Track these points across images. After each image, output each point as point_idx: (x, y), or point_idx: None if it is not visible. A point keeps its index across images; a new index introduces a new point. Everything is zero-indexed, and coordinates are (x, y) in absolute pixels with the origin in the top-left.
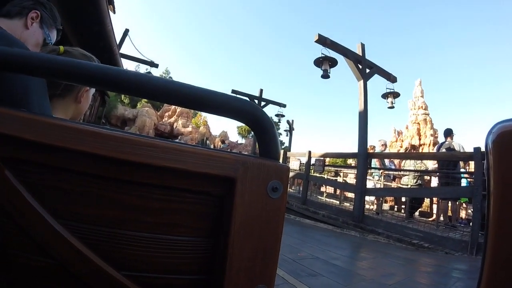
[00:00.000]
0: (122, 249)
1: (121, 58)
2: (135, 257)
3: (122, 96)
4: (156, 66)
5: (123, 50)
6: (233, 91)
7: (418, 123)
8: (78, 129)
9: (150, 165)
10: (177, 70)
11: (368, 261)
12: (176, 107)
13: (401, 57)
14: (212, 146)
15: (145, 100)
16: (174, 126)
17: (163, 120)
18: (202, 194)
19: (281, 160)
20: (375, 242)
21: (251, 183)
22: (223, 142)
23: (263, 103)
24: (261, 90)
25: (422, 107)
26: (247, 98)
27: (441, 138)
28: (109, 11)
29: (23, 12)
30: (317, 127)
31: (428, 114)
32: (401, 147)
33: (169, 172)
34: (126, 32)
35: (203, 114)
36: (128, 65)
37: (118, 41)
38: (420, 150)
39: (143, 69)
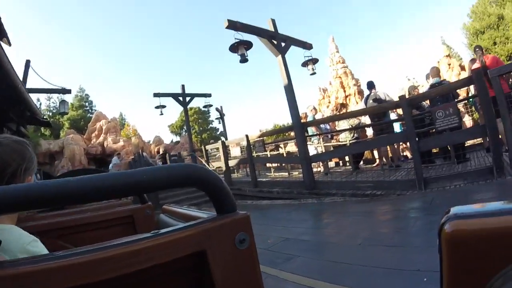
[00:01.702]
0: None
1: (30, 94)
2: None
3: (42, 129)
4: (68, 92)
5: (30, 83)
6: (155, 94)
7: (340, 77)
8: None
9: (120, 276)
10: (94, 82)
11: (332, 226)
12: (102, 125)
13: (311, 18)
14: (149, 156)
15: (67, 126)
16: (105, 145)
17: (92, 142)
18: (177, 272)
19: (221, 150)
20: (333, 203)
21: (219, 246)
22: (158, 152)
23: (188, 98)
24: (183, 86)
25: (339, 61)
26: (171, 98)
27: (363, 86)
28: (3, 45)
29: None
30: (250, 106)
31: (346, 67)
32: (329, 102)
33: (140, 271)
34: (27, 64)
35: (131, 123)
36: (40, 97)
37: (22, 75)
38: (348, 101)
39: (55, 98)
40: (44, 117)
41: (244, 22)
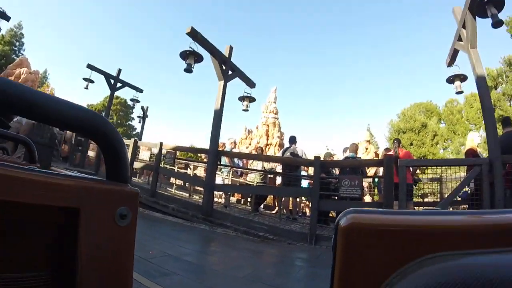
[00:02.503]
0: None
1: None
2: None
3: None
4: (7, 19)
5: None
6: (89, 66)
7: (268, 125)
8: None
9: None
10: (33, 30)
11: (218, 255)
12: (21, 73)
13: (266, 62)
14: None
15: None
16: None
17: None
18: (40, 224)
19: (131, 149)
20: (224, 235)
21: (97, 211)
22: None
23: (119, 84)
24: (119, 70)
25: (273, 111)
26: (99, 76)
27: (286, 140)
28: None
29: None
30: (173, 118)
31: (277, 118)
32: (249, 144)
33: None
34: None
35: (51, 84)
36: None
37: None
38: (267, 150)
39: None
40: None
41: (205, 36)
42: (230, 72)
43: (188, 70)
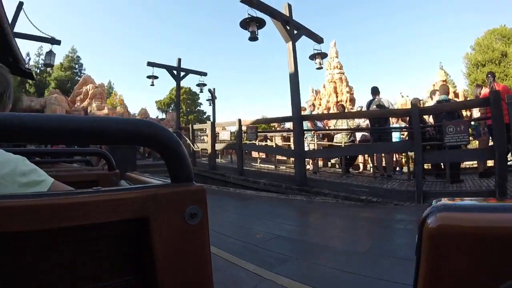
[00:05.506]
0: None
1: (16, 38)
2: None
3: (27, 86)
4: (58, 43)
5: (20, 27)
6: (149, 63)
7: (334, 82)
8: None
9: (48, 230)
10: (86, 48)
11: (328, 228)
12: (88, 89)
13: (319, 17)
14: None
15: (53, 86)
16: (89, 110)
17: (76, 105)
18: (115, 238)
19: (209, 132)
20: (324, 203)
21: (166, 216)
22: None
23: (182, 73)
24: (179, 60)
25: (337, 66)
26: (164, 70)
27: (356, 95)
28: None
29: None
30: (244, 92)
31: (343, 73)
32: (319, 105)
33: (72, 229)
34: (19, 6)
35: (119, 92)
36: (26, 46)
37: (11, 17)
38: (335, 109)
39: (46, 48)
40: (28, 68)
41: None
42: (295, 32)
43: (253, 38)
